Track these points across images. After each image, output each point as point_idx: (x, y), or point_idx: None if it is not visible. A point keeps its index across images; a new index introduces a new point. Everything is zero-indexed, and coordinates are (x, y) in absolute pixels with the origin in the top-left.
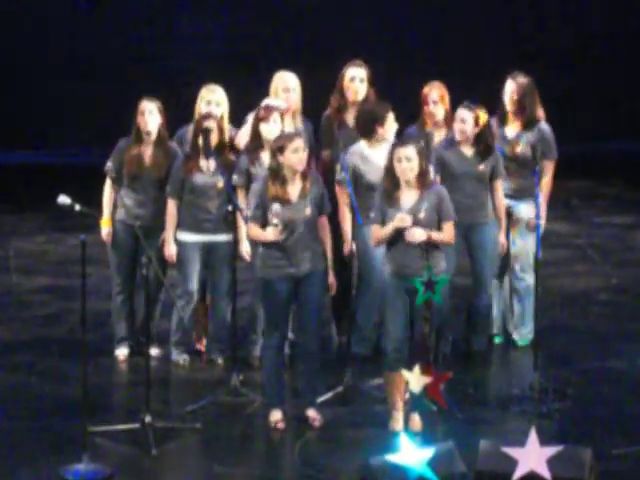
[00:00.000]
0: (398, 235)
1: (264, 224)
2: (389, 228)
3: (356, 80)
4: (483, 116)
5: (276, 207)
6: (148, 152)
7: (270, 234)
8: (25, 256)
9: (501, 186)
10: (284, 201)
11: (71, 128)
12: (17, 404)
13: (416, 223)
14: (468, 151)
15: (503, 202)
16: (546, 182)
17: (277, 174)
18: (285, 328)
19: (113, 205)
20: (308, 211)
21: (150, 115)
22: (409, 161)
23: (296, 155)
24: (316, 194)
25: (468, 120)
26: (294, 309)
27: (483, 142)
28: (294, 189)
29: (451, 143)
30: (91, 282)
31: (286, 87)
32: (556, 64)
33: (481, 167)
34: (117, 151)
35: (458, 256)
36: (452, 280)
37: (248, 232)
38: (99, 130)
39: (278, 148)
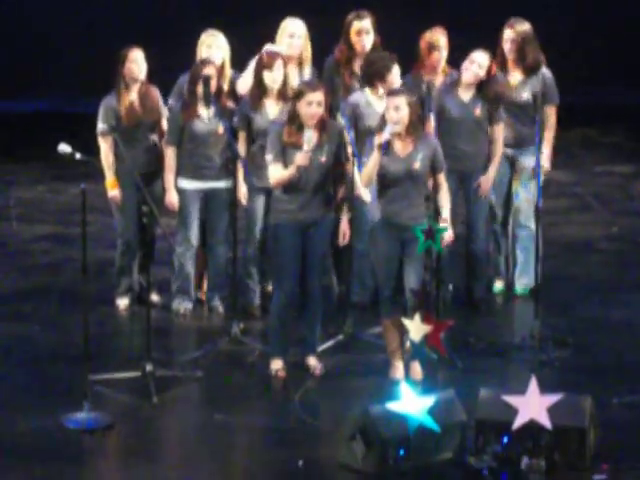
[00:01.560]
0: (390, 183)
1: (285, 165)
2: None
3: (363, 33)
4: (492, 62)
5: (309, 133)
6: (136, 100)
7: (299, 159)
8: (26, 205)
9: (501, 131)
10: (297, 146)
11: (71, 76)
12: (18, 353)
13: (411, 173)
14: (466, 96)
15: (501, 147)
16: (551, 127)
17: (293, 120)
18: (296, 277)
19: (113, 163)
20: (323, 159)
21: (142, 63)
22: (398, 110)
23: (309, 108)
24: (332, 144)
25: (484, 65)
26: None
27: (488, 89)
28: (310, 136)
29: (450, 87)
30: (92, 230)
31: (291, 33)
32: (559, 10)
33: (478, 112)
34: (106, 109)
35: (454, 203)
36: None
37: (270, 174)
38: (99, 79)
39: (296, 94)
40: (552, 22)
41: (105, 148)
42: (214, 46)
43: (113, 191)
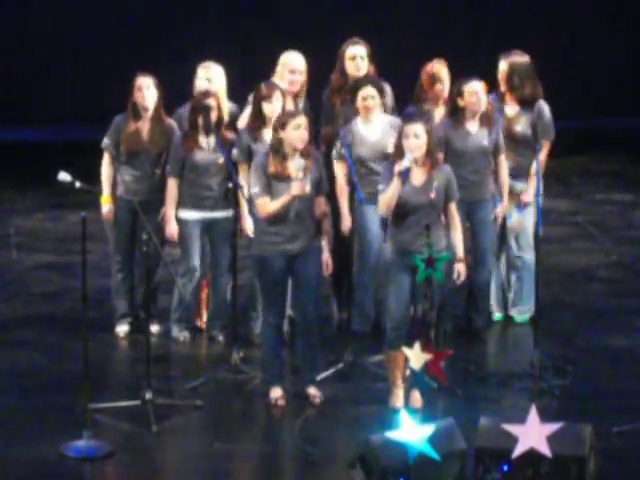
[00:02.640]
0: (405, 211)
1: (272, 197)
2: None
3: (357, 58)
4: (485, 87)
5: (299, 161)
6: (145, 128)
7: (294, 189)
8: (25, 233)
9: (505, 161)
10: (283, 177)
11: (72, 105)
12: (18, 381)
13: (427, 202)
14: (472, 127)
15: (507, 176)
16: (541, 161)
17: (278, 150)
18: (282, 305)
19: (113, 182)
20: (307, 189)
21: (147, 90)
22: (417, 138)
23: (297, 132)
24: (315, 174)
25: (482, 93)
26: (292, 286)
27: (489, 116)
28: (294, 165)
29: (453, 119)
30: (91, 259)
31: (292, 69)
32: (555, 37)
33: (485, 142)
34: (114, 128)
35: (464, 233)
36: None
37: (258, 208)
38: (101, 107)
39: (280, 124)
40: (549, 49)
41: (106, 162)
42: (211, 77)
43: (106, 206)
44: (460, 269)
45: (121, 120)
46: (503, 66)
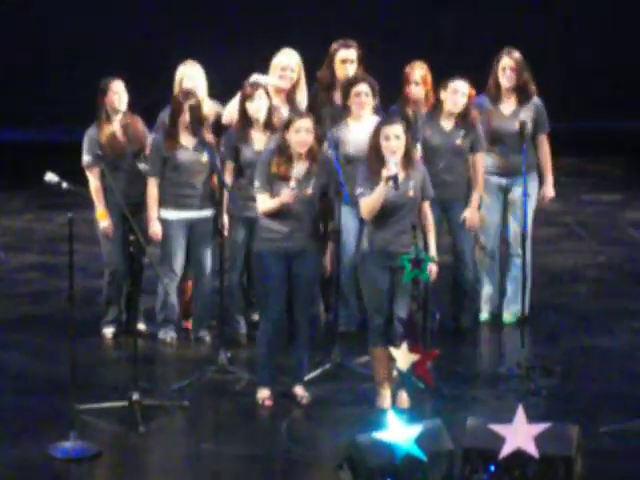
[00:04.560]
0: (385, 211)
1: (272, 195)
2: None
3: (347, 62)
4: (471, 90)
5: (302, 166)
6: (119, 130)
7: (284, 196)
8: (12, 234)
9: (482, 159)
10: (285, 178)
11: (57, 106)
12: (4, 381)
13: (406, 201)
14: (447, 125)
15: (482, 176)
16: (547, 154)
17: (283, 150)
18: (281, 305)
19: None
20: (309, 191)
21: (123, 94)
22: (399, 139)
23: (297, 135)
24: (322, 177)
25: (465, 92)
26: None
27: (468, 117)
28: (299, 168)
29: (431, 117)
30: (78, 260)
31: (283, 66)
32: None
33: (458, 141)
34: (89, 141)
35: (438, 232)
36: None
37: (257, 203)
38: (84, 108)
39: (285, 124)
40: (538, 49)
41: (93, 180)
42: (193, 76)
43: (104, 222)
44: (432, 268)
45: (93, 131)
46: (510, 63)
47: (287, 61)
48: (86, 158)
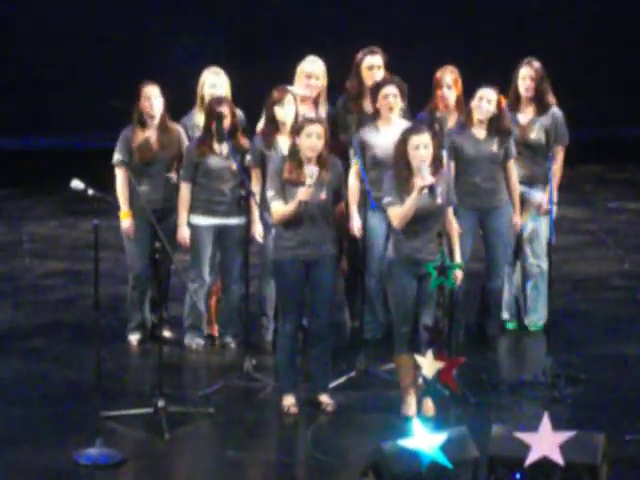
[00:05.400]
0: (415, 219)
1: (287, 201)
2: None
3: (374, 68)
4: (500, 97)
5: (311, 168)
6: (154, 136)
7: (301, 194)
8: (38, 240)
9: (514, 166)
10: (297, 183)
11: (85, 113)
12: (30, 389)
13: (434, 209)
14: (480, 133)
15: (517, 182)
16: (558, 168)
17: (294, 155)
18: (299, 312)
19: (130, 195)
20: (323, 195)
21: (155, 99)
22: (427, 148)
23: (308, 140)
24: (334, 181)
25: (493, 100)
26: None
27: (500, 124)
28: (307, 173)
29: (463, 127)
30: (104, 267)
31: (308, 73)
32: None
33: (494, 148)
34: (123, 141)
35: (474, 241)
36: (466, 264)
37: (271, 212)
38: (112, 115)
39: (296, 129)
40: (563, 58)
41: (120, 178)
42: (217, 84)
43: (126, 221)
44: (457, 274)
45: (128, 133)
46: (529, 72)
47: (312, 68)
48: (116, 156)
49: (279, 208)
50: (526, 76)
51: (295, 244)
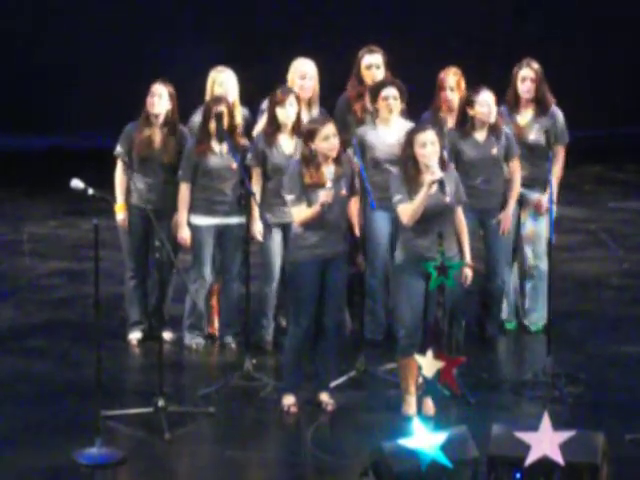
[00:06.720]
0: (421, 217)
1: (309, 204)
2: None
3: (373, 67)
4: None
5: (329, 168)
6: (157, 135)
7: (323, 196)
8: (38, 240)
9: (518, 165)
10: (320, 186)
11: (84, 112)
12: (30, 388)
13: (443, 207)
14: (481, 136)
15: (519, 181)
16: (558, 167)
17: (311, 160)
18: (312, 313)
19: (126, 190)
20: (344, 192)
21: (159, 98)
22: (434, 145)
23: (327, 142)
24: (347, 175)
25: (492, 104)
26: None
27: (495, 125)
28: (328, 172)
29: (463, 131)
30: (104, 266)
31: (302, 74)
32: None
33: (494, 151)
34: (126, 135)
35: (473, 241)
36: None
37: (293, 216)
38: (112, 114)
39: (309, 134)
40: (563, 59)
41: (118, 169)
42: (224, 83)
43: (121, 214)
44: (467, 273)
45: (132, 128)
46: (530, 73)
47: (306, 70)
48: (118, 148)
49: (302, 212)
50: (526, 77)
51: (314, 243)
